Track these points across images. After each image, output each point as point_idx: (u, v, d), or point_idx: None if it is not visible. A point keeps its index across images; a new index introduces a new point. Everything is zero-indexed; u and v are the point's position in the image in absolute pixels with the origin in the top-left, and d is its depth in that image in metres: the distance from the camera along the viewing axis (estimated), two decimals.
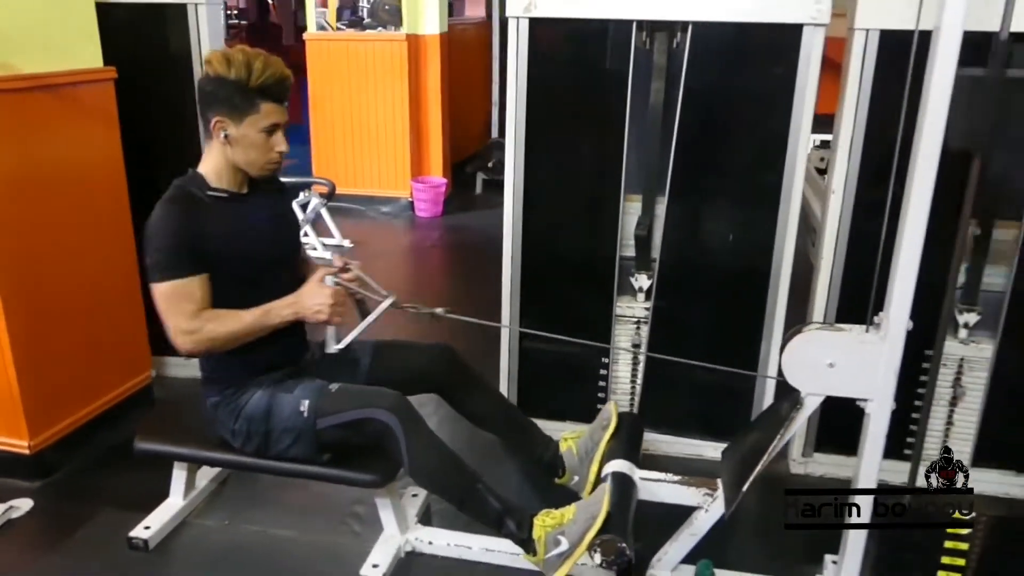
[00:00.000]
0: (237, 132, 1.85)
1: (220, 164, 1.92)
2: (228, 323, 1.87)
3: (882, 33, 2.16)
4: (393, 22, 5.61)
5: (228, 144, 1.87)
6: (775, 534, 2.30)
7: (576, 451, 2.21)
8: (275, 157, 1.91)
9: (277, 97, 1.86)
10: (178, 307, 1.83)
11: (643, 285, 2.56)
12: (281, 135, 1.90)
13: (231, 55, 1.81)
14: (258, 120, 1.84)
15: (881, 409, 1.81)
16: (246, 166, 1.91)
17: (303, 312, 1.90)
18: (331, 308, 1.88)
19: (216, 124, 1.85)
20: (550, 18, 2.34)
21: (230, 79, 1.80)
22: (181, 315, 1.83)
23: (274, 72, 1.82)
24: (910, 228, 1.68)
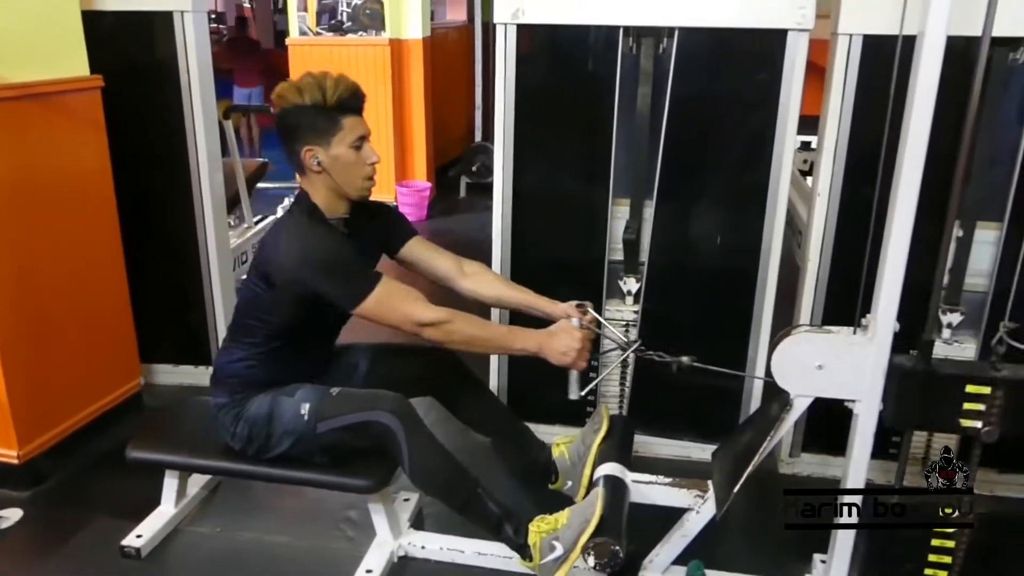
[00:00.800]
0: (328, 156, 1.85)
1: (325, 195, 1.91)
2: (476, 326, 1.89)
3: (865, 38, 2.19)
4: (374, 26, 5.61)
5: (324, 171, 1.86)
6: (765, 534, 2.33)
7: (568, 456, 2.23)
8: (370, 171, 1.92)
9: (356, 109, 1.87)
10: (405, 300, 1.83)
11: (631, 288, 2.58)
12: (369, 147, 1.91)
13: (300, 83, 1.82)
14: (345, 136, 1.85)
15: (869, 410, 1.84)
16: (346, 188, 1.90)
17: (549, 352, 1.89)
18: (578, 353, 1.88)
19: (307, 153, 1.85)
20: (538, 24, 2.35)
21: (307, 105, 1.81)
22: (417, 305, 1.83)
23: (347, 85, 1.84)
24: (896, 231, 1.71)
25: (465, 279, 2.12)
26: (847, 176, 2.32)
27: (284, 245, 1.83)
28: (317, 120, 1.82)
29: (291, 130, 1.85)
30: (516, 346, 1.91)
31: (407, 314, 1.83)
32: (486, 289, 2.13)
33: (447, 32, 6.44)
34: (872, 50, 2.20)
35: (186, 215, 2.90)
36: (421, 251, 2.13)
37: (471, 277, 2.13)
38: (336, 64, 5.38)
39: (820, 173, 2.34)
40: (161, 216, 2.94)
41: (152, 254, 2.94)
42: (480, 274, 2.14)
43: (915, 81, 1.62)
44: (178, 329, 3.10)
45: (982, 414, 1.79)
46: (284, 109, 1.84)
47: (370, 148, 1.90)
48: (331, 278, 1.80)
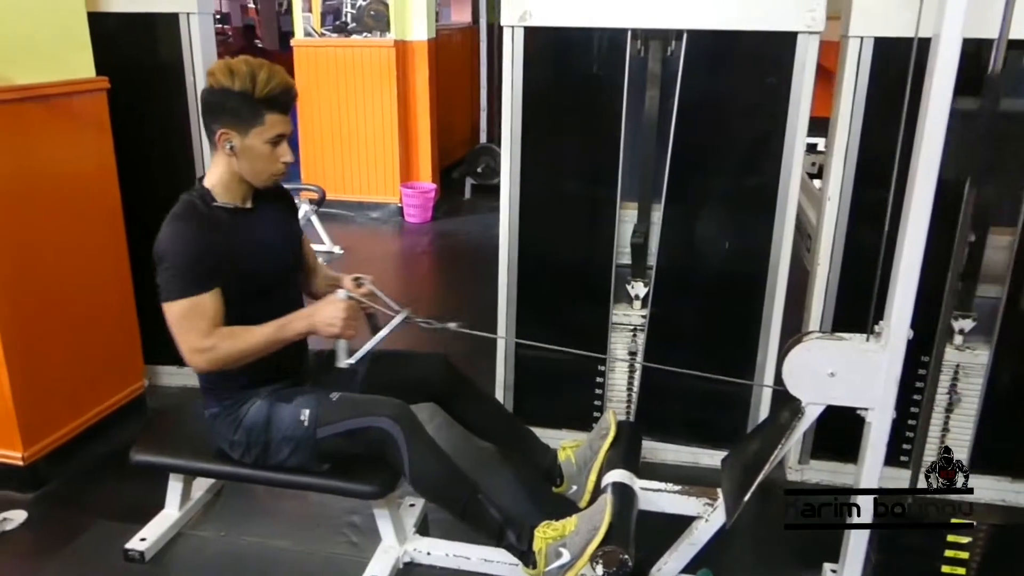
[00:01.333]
0: (243, 144, 1.83)
1: (226, 176, 1.89)
2: (243, 339, 1.84)
3: (876, 40, 2.17)
4: (379, 28, 5.59)
5: (233, 156, 1.85)
6: (773, 542, 2.30)
7: (575, 460, 2.21)
8: (281, 168, 1.90)
9: (283, 108, 1.85)
10: (192, 325, 1.80)
11: (639, 293, 2.56)
12: (286, 145, 1.89)
13: (234, 66, 1.79)
14: (264, 131, 1.82)
15: (882, 418, 1.82)
16: (251, 177, 1.89)
17: (316, 326, 1.87)
18: (344, 322, 1.85)
19: (221, 136, 1.83)
20: (545, 27, 2.33)
21: (235, 90, 1.78)
22: (195, 333, 1.81)
23: (279, 82, 1.81)
24: (910, 239, 1.69)
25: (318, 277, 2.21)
26: (857, 180, 2.30)
27: (159, 234, 1.83)
28: (241, 108, 1.80)
29: (214, 108, 1.83)
30: (290, 334, 1.88)
31: (183, 342, 1.82)
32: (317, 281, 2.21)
33: (452, 33, 6.42)
34: (882, 53, 2.18)
35: None
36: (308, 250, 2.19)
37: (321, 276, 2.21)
38: (341, 65, 5.37)
39: (830, 177, 2.32)
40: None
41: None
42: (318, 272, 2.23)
43: (930, 83, 1.60)
44: None
45: None
46: (211, 87, 1.82)
47: (287, 147, 1.89)
48: (161, 268, 1.80)
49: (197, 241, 1.82)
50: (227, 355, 1.84)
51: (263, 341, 1.87)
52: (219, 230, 1.86)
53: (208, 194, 1.90)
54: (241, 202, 1.94)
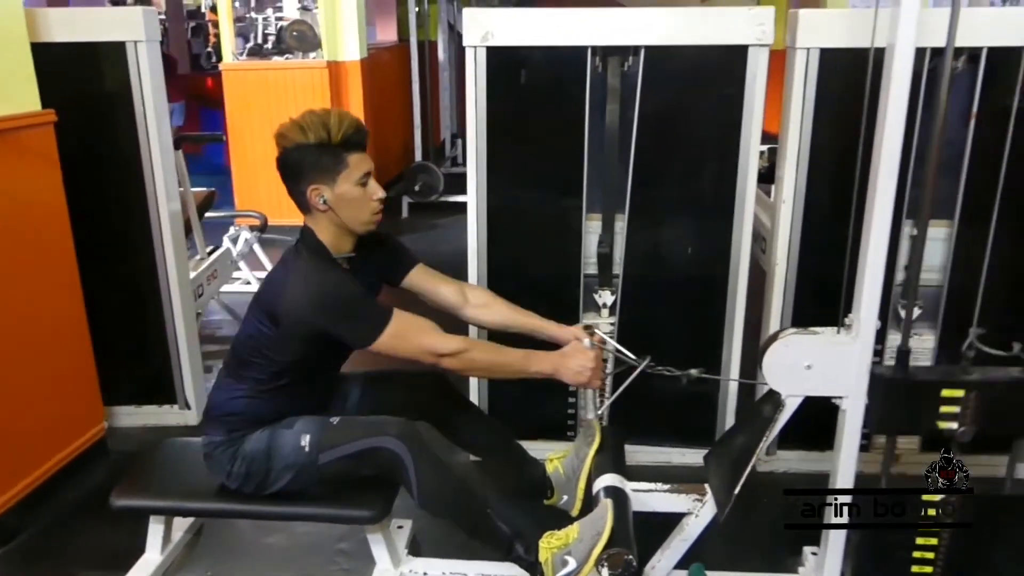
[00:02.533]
0: (334, 194, 1.83)
1: (331, 233, 1.89)
2: (497, 353, 1.91)
3: (822, 51, 2.30)
4: (302, 48, 5.54)
5: (330, 209, 1.84)
6: (752, 532, 2.39)
7: (563, 471, 2.25)
8: (376, 206, 1.90)
9: (360, 145, 1.86)
10: (421, 332, 1.83)
11: (607, 301, 2.63)
12: (375, 182, 1.89)
13: (303, 121, 1.80)
14: (351, 174, 1.83)
15: (856, 406, 1.93)
16: (353, 224, 1.88)
17: (564, 372, 1.90)
18: (593, 372, 1.89)
19: (312, 193, 1.83)
20: (506, 47, 2.38)
21: (311, 144, 1.79)
22: (433, 336, 1.84)
23: (351, 122, 1.82)
24: (875, 235, 1.80)
25: (469, 307, 2.14)
26: (809, 183, 2.42)
27: (294, 286, 1.81)
28: (322, 158, 1.81)
29: (295, 170, 1.84)
30: (532, 369, 1.92)
31: (423, 346, 1.84)
32: (491, 316, 2.15)
33: (380, 52, 6.41)
34: (827, 63, 2.31)
35: (144, 249, 2.82)
36: (424, 279, 2.13)
37: (475, 304, 2.15)
38: (273, 88, 5.31)
39: (784, 180, 2.44)
40: (118, 251, 2.86)
41: (109, 291, 2.84)
42: (485, 302, 2.16)
43: (887, 89, 1.71)
44: (139, 368, 3.00)
45: (957, 416, 1.88)
46: (287, 148, 1.83)
47: (375, 184, 1.90)
48: (344, 320, 1.80)
49: (350, 281, 1.84)
50: (482, 361, 1.91)
51: (509, 364, 1.92)
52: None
53: (324, 248, 1.89)
54: (350, 252, 1.94)
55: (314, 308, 1.78)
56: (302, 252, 1.88)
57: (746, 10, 2.30)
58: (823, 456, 2.59)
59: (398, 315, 1.83)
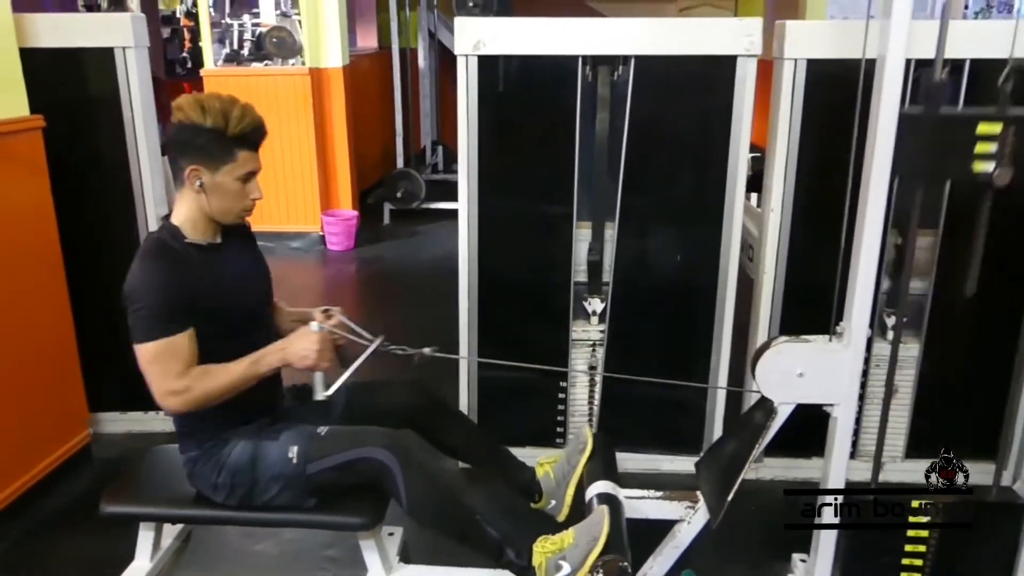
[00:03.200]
0: (212, 181, 1.80)
1: (195, 214, 1.86)
2: (218, 378, 1.80)
3: (808, 62, 2.34)
4: (282, 55, 5.51)
5: (203, 192, 1.82)
6: (742, 536, 2.41)
7: (553, 475, 2.25)
8: (250, 204, 1.89)
9: (254, 145, 1.84)
10: (166, 367, 1.76)
11: (596, 309, 2.64)
12: (256, 182, 1.87)
13: (206, 102, 1.76)
14: (235, 168, 1.81)
15: (847, 412, 1.95)
16: (220, 214, 1.86)
17: (290, 359, 1.85)
18: (318, 354, 1.84)
19: (191, 172, 1.80)
20: (497, 55, 2.40)
21: (206, 127, 1.76)
22: (169, 376, 1.76)
23: (252, 120, 1.80)
24: (866, 244, 1.82)
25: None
26: (797, 192, 2.46)
27: (129, 275, 1.80)
28: (212, 145, 1.79)
29: (183, 145, 1.81)
30: (264, 369, 1.86)
31: (158, 382, 1.78)
32: (278, 319, 2.14)
33: (362, 59, 6.40)
34: (814, 73, 2.35)
35: (131, 253, 2.76)
36: None
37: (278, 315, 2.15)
38: (256, 94, 5.26)
39: (772, 189, 2.47)
40: (104, 256, 2.81)
41: (95, 297, 2.79)
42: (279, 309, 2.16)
43: (878, 100, 1.74)
44: (124, 375, 2.93)
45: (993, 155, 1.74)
46: (181, 123, 1.79)
47: (256, 184, 1.88)
48: (131, 309, 1.77)
49: (170, 279, 1.78)
50: (202, 395, 1.80)
51: (238, 377, 1.83)
52: (192, 268, 1.83)
53: (178, 231, 1.86)
54: (211, 239, 1.91)
55: (128, 293, 1.77)
56: (148, 240, 1.87)
57: (735, 21, 2.33)
58: (809, 463, 2.64)
59: (172, 344, 1.76)
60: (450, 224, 1.94)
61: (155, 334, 1.75)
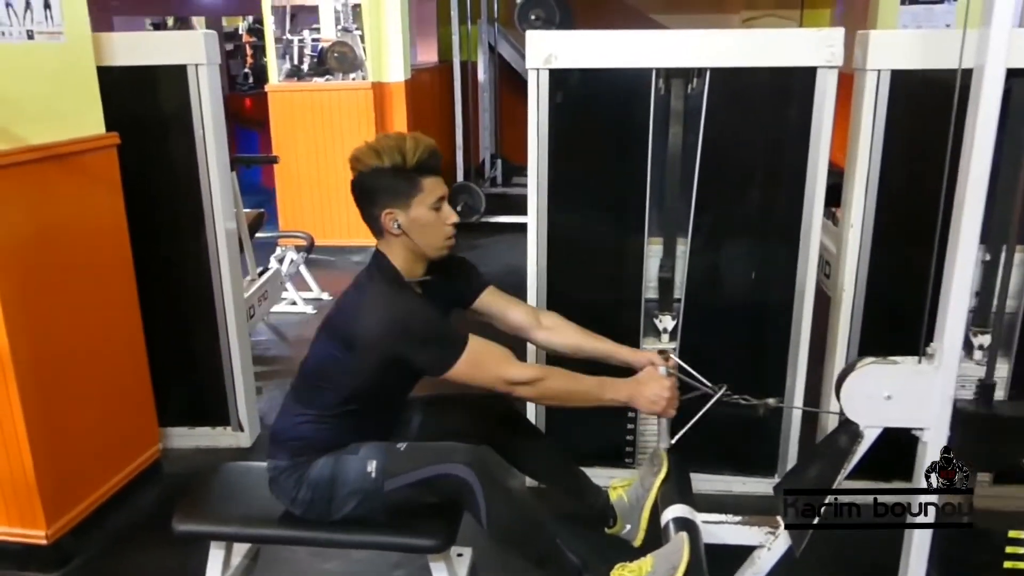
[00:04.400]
0: (408, 218, 1.82)
1: (405, 258, 1.88)
2: (573, 380, 1.88)
3: (892, 73, 2.25)
4: (343, 69, 5.57)
5: (403, 234, 1.83)
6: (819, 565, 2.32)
7: (627, 499, 2.20)
8: (450, 231, 1.89)
9: (434, 170, 1.85)
10: (495, 362, 1.82)
11: (667, 326, 2.59)
12: (448, 207, 1.88)
13: (378, 145, 1.80)
14: (425, 198, 1.82)
15: (937, 437, 1.86)
16: (426, 249, 1.87)
17: (639, 400, 1.88)
18: (668, 401, 1.87)
19: (387, 217, 1.82)
20: (569, 69, 2.36)
21: (386, 167, 1.78)
22: (508, 365, 1.83)
23: (426, 146, 1.81)
24: (960, 263, 1.74)
25: (540, 330, 2.11)
26: (878, 207, 2.37)
27: (369, 312, 1.79)
28: (397, 183, 1.80)
29: (369, 193, 1.83)
30: (607, 397, 1.88)
31: (499, 375, 1.82)
32: (562, 339, 2.11)
33: (422, 73, 6.45)
34: (897, 84, 2.27)
35: (200, 269, 2.84)
36: (495, 302, 2.11)
37: (547, 328, 2.12)
38: (319, 109, 5.35)
39: (852, 204, 2.38)
40: (174, 270, 2.87)
41: (165, 311, 2.85)
42: (556, 325, 2.13)
43: (975, 112, 1.66)
44: (193, 390, 3.00)
45: None
46: (361, 172, 1.82)
47: (449, 208, 1.88)
48: (421, 346, 1.79)
49: (425, 306, 1.83)
50: (557, 389, 1.88)
51: (585, 391, 1.89)
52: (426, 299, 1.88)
53: (397, 272, 1.88)
54: (424, 275, 1.93)
55: (390, 334, 1.77)
56: (375, 277, 1.86)
57: (815, 31, 2.26)
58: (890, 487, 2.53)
59: (473, 342, 1.81)
60: (510, 237, 1.93)
61: (458, 346, 1.79)
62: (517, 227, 6.10)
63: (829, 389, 2.58)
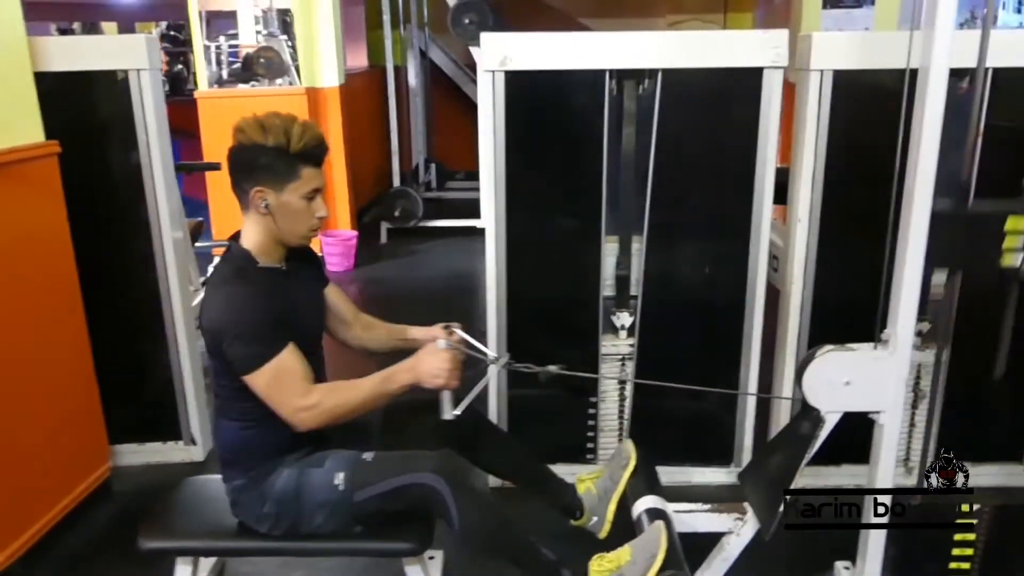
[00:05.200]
0: (278, 201, 1.78)
1: (263, 237, 1.83)
2: (348, 393, 1.81)
3: (835, 73, 2.35)
4: (270, 75, 5.47)
5: (268, 214, 1.79)
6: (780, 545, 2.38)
7: (595, 491, 2.23)
8: (316, 223, 1.86)
9: (317, 161, 1.81)
10: (288, 386, 1.75)
11: (625, 323, 2.64)
12: (321, 200, 1.84)
13: (266, 121, 1.74)
14: (300, 186, 1.78)
15: (893, 420, 1.95)
16: (288, 235, 1.84)
17: (422, 377, 1.83)
18: (450, 373, 1.83)
19: (256, 194, 1.77)
20: (524, 71, 2.39)
21: (268, 146, 1.73)
22: (295, 393, 1.75)
23: (313, 135, 1.77)
24: (911, 252, 1.83)
25: (357, 328, 2.12)
26: (824, 202, 2.46)
27: (212, 305, 1.77)
28: (276, 164, 1.76)
29: (245, 166, 1.78)
30: (393, 388, 1.85)
31: (287, 401, 1.77)
32: (374, 337, 2.13)
33: (354, 78, 6.39)
34: (840, 84, 2.36)
35: (148, 280, 2.75)
36: (336, 296, 2.11)
37: (362, 326, 2.13)
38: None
39: (799, 199, 2.48)
40: (121, 282, 2.77)
41: (111, 323, 2.73)
42: (370, 324, 2.15)
43: (921, 109, 1.75)
44: (142, 404, 2.90)
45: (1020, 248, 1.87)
46: (242, 144, 1.77)
47: (321, 201, 1.85)
48: (235, 339, 1.73)
49: (256, 301, 1.76)
50: (334, 410, 1.79)
51: (369, 395, 1.83)
52: (269, 292, 1.80)
53: (250, 256, 1.83)
54: (279, 263, 1.89)
55: (221, 324, 1.74)
56: (221, 268, 1.83)
57: (761, 33, 2.35)
58: (839, 471, 2.64)
59: (287, 356, 1.76)
60: (448, 242, 1.94)
61: (265, 357, 1.73)
62: (455, 231, 6.12)
63: (780, 378, 2.68)
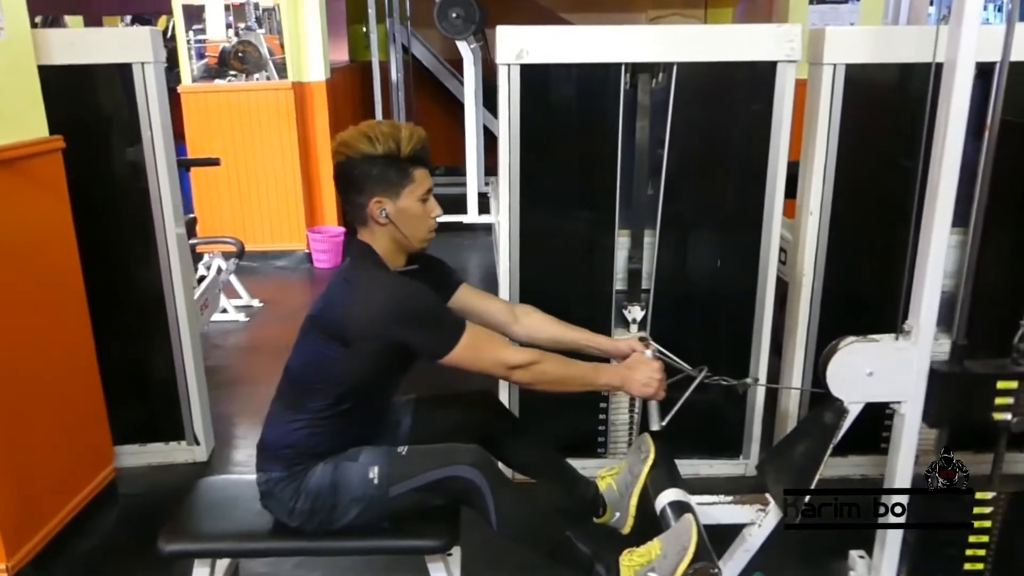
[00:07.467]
0: (396, 208, 1.79)
1: (388, 247, 1.84)
2: (566, 364, 1.88)
3: (847, 67, 2.37)
4: (247, 70, 5.38)
5: (389, 223, 1.80)
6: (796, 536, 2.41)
7: (616, 487, 2.23)
8: (433, 224, 1.88)
9: (425, 162, 1.83)
10: (494, 345, 1.83)
11: (636, 316, 2.64)
12: (434, 200, 1.86)
13: (369, 131, 1.76)
14: (415, 189, 1.80)
15: (914, 410, 1.98)
16: (411, 240, 1.85)
17: (631, 384, 1.89)
18: (659, 383, 1.88)
19: (374, 205, 1.78)
20: (540, 64, 2.38)
21: (378, 155, 1.75)
22: (504, 349, 1.83)
23: (420, 137, 1.79)
24: (935, 244, 1.86)
25: (518, 324, 2.11)
26: (836, 195, 2.49)
27: (365, 300, 1.75)
28: (389, 171, 1.78)
29: (358, 180, 1.79)
30: (601, 381, 1.93)
31: (497, 358, 1.82)
32: (541, 332, 2.12)
33: (339, 72, 6.33)
34: (852, 78, 2.39)
35: (151, 277, 2.70)
36: (471, 298, 2.09)
37: (524, 321, 2.12)
38: (235, 111, 5.16)
39: (810, 192, 2.50)
40: (124, 280, 2.72)
41: (113, 322, 2.68)
42: (533, 318, 2.14)
43: (947, 102, 1.77)
44: (145, 404, 2.85)
45: (1011, 407, 1.95)
46: (351, 159, 1.78)
47: (434, 201, 1.88)
48: (421, 328, 1.76)
49: (417, 289, 1.79)
50: (552, 373, 1.86)
51: (578, 374, 1.90)
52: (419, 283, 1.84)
53: (383, 261, 1.84)
54: (404, 266, 1.91)
55: (391, 318, 1.74)
56: (363, 265, 1.83)
57: (776, 27, 2.36)
58: (845, 461, 2.68)
59: (471, 327, 1.81)
60: (441, 237, 1.95)
61: (458, 329, 1.77)
62: (445, 226, 6.07)
63: (789, 370, 2.70)
